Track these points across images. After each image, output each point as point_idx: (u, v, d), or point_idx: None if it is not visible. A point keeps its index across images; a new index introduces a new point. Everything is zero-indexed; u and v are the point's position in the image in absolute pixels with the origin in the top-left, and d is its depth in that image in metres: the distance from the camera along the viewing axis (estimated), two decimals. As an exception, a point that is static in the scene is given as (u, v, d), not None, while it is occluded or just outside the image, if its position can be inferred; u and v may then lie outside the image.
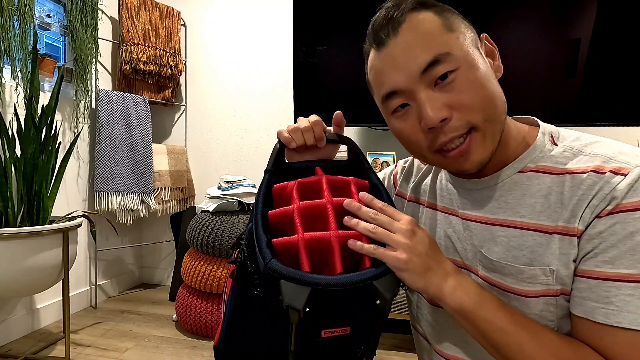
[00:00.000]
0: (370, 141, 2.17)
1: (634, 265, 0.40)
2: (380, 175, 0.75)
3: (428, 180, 0.65)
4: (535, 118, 0.55)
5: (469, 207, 0.55)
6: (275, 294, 0.41)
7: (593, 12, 1.58)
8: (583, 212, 0.44)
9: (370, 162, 1.88)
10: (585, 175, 0.45)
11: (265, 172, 0.55)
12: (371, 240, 0.46)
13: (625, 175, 0.42)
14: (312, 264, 0.44)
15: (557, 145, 0.50)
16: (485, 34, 0.53)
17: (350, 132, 2.21)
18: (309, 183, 0.51)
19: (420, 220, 0.64)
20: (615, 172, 0.43)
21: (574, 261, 0.44)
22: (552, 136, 0.51)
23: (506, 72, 0.54)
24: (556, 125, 0.54)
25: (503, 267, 0.49)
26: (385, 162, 1.88)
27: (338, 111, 0.61)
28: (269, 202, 0.52)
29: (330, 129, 0.60)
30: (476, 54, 0.49)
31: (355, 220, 0.47)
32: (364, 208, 0.48)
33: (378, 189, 0.54)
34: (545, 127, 0.53)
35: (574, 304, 0.45)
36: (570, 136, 0.51)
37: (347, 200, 0.49)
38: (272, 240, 0.45)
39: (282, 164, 0.58)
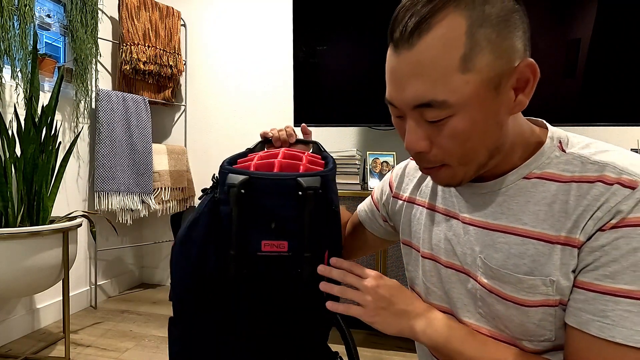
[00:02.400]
0: (370, 141, 2.17)
1: (635, 281, 0.39)
2: (379, 185, 0.77)
3: (429, 180, 0.64)
4: (544, 121, 0.53)
5: (470, 211, 0.54)
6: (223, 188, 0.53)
7: (593, 12, 1.58)
8: (586, 223, 0.43)
9: (370, 162, 1.88)
10: (592, 185, 0.43)
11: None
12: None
13: (634, 188, 0.41)
14: None
15: (565, 152, 0.48)
16: (529, 61, 0.44)
17: (350, 132, 2.21)
18: (268, 153, 0.63)
19: (416, 220, 0.64)
20: (624, 185, 0.41)
21: (573, 271, 0.44)
22: (560, 142, 0.49)
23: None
24: (556, 126, 0.53)
25: (503, 275, 0.48)
26: (385, 162, 1.87)
27: (303, 124, 0.79)
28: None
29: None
30: (485, 97, 0.44)
31: (330, 285, 0.56)
32: (335, 271, 0.56)
33: (327, 159, 0.65)
34: (554, 131, 0.51)
35: (569, 314, 0.44)
36: (580, 143, 0.49)
37: (320, 267, 0.56)
38: (241, 160, 0.60)
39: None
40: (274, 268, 0.55)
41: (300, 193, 0.52)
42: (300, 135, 0.78)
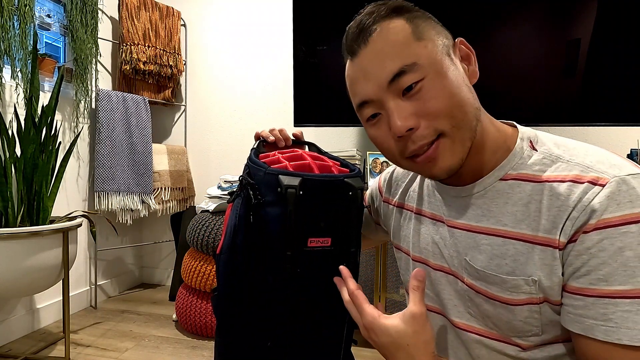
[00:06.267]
0: (370, 141, 2.17)
1: (628, 280, 0.40)
2: (368, 191, 0.78)
3: (416, 185, 0.65)
4: (514, 122, 0.55)
5: (454, 215, 0.56)
6: (274, 190, 0.54)
7: (593, 12, 1.58)
8: (564, 224, 0.44)
9: (370, 162, 1.88)
10: (563, 184, 0.45)
11: (251, 149, 0.67)
12: None
13: (603, 185, 0.42)
14: None
15: (536, 151, 0.50)
16: (461, 39, 0.52)
17: (350, 132, 2.21)
18: (291, 155, 0.63)
19: (405, 225, 0.65)
20: (594, 183, 0.43)
21: (562, 275, 0.45)
22: (530, 141, 0.51)
23: (506, 72, 0.54)
24: (556, 126, 0.53)
25: (487, 276, 0.50)
26: (385, 162, 1.87)
27: (298, 129, 0.77)
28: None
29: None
30: (446, 61, 0.49)
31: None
32: (345, 295, 0.56)
33: (337, 159, 0.68)
34: (523, 131, 0.52)
35: (571, 321, 0.44)
36: (549, 141, 0.50)
37: (336, 279, 0.58)
38: (265, 161, 0.59)
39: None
40: (318, 264, 0.58)
41: (350, 193, 0.57)
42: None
